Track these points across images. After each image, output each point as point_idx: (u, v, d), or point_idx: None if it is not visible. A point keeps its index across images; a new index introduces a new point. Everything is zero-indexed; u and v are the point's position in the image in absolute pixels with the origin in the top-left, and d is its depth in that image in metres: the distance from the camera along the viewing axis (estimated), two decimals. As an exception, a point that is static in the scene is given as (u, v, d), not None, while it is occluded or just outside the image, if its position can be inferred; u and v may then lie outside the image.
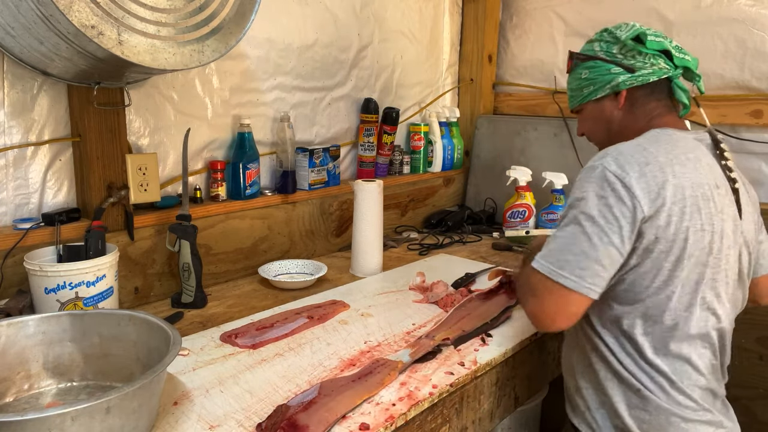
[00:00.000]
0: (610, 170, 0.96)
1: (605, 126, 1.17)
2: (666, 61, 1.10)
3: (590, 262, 0.94)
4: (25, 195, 1.26)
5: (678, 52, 1.10)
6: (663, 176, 0.95)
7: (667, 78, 1.10)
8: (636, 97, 1.12)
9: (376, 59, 2.01)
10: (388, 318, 1.29)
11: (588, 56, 1.16)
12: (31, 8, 0.91)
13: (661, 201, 0.94)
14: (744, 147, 1.77)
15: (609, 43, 1.14)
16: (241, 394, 0.96)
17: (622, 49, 1.11)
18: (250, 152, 1.58)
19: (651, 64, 1.09)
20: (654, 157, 0.97)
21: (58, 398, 0.93)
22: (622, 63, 1.11)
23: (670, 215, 0.94)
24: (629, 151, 0.99)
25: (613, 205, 0.94)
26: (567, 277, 0.94)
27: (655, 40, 1.09)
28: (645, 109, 1.12)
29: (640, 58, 1.10)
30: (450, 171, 2.30)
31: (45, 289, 1.12)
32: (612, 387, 1.03)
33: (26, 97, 1.22)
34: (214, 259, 1.52)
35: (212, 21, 1.11)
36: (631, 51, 1.10)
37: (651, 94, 1.11)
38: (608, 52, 1.13)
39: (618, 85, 1.11)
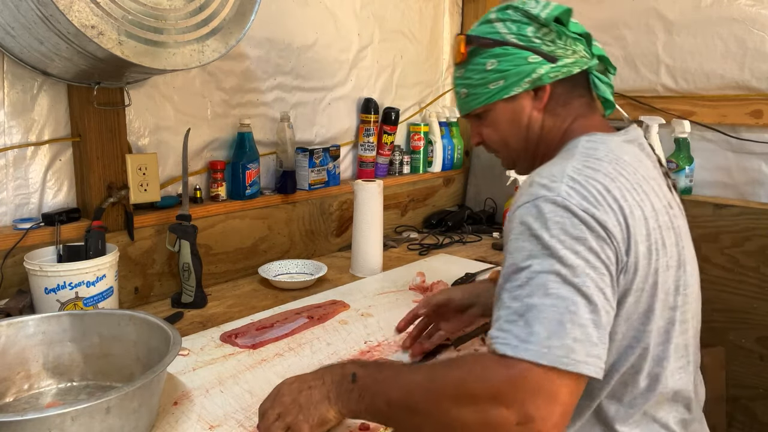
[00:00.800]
0: (573, 203, 0.71)
1: (523, 132, 0.92)
2: (585, 48, 0.88)
3: (600, 331, 0.68)
4: (25, 195, 1.26)
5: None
6: (627, 207, 0.74)
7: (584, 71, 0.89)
8: (558, 93, 0.89)
9: (376, 59, 2.01)
10: (388, 318, 1.29)
11: (494, 41, 0.88)
12: (31, 8, 0.91)
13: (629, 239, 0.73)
14: (744, 147, 1.77)
15: (520, 24, 0.88)
16: (241, 394, 0.96)
17: (539, 30, 0.87)
18: (250, 152, 1.58)
19: (573, 51, 0.87)
20: (610, 180, 0.75)
21: (58, 398, 0.93)
22: (541, 50, 0.86)
23: (639, 257, 0.74)
24: (581, 176, 0.75)
25: (597, 249, 0.70)
26: (585, 362, 0.66)
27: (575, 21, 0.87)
28: (567, 110, 0.89)
29: (561, 43, 0.86)
30: (450, 171, 2.30)
31: (45, 289, 1.11)
32: None
33: (26, 97, 1.22)
34: (214, 259, 1.52)
35: (212, 21, 1.11)
36: (551, 33, 0.86)
37: (573, 89, 0.89)
38: (521, 35, 0.87)
39: (540, 78, 0.87)
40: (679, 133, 1.77)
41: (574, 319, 0.67)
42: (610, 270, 0.71)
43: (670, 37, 1.89)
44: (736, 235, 1.62)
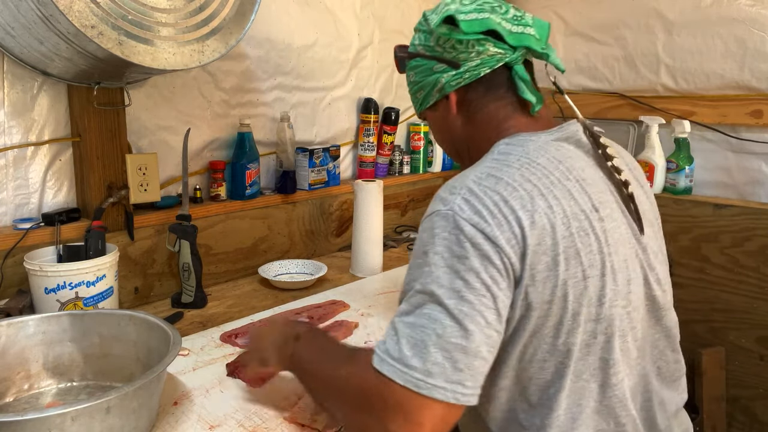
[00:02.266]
0: (463, 217, 0.69)
1: (448, 139, 0.93)
2: (496, 44, 0.82)
3: (468, 358, 0.66)
4: (25, 195, 1.26)
5: (515, 24, 0.82)
6: (527, 218, 0.70)
7: (505, 67, 0.84)
8: (471, 99, 0.86)
9: (376, 59, 2.01)
10: (388, 318, 1.28)
11: (410, 53, 0.90)
12: (31, 8, 0.91)
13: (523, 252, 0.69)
14: (744, 147, 1.77)
15: (425, 33, 0.87)
16: (241, 394, 0.96)
17: (438, 39, 0.84)
18: (250, 152, 1.58)
19: (477, 52, 0.82)
20: (512, 190, 0.71)
21: (58, 398, 0.93)
22: (443, 58, 0.84)
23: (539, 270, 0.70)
24: (481, 186, 0.72)
25: (479, 268, 0.67)
26: (442, 388, 0.65)
27: (475, 20, 0.80)
28: (486, 115, 0.85)
29: (461, 47, 0.82)
30: (450, 171, 2.30)
31: (45, 289, 1.11)
32: None
33: (26, 97, 1.22)
34: (214, 259, 1.52)
35: (212, 21, 1.11)
36: (447, 41, 0.83)
37: (487, 92, 0.85)
38: (427, 46, 0.86)
39: (443, 87, 0.86)
40: (679, 133, 1.77)
41: (439, 343, 0.66)
42: (492, 291, 0.68)
43: (670, 37, 1.89)
44: (736, 235, 1.62)
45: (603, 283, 0.73)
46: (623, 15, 2.00)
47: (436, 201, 0.74)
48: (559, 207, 0.72)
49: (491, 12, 0.82)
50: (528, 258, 0.69)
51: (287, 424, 0.87)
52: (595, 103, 2.09)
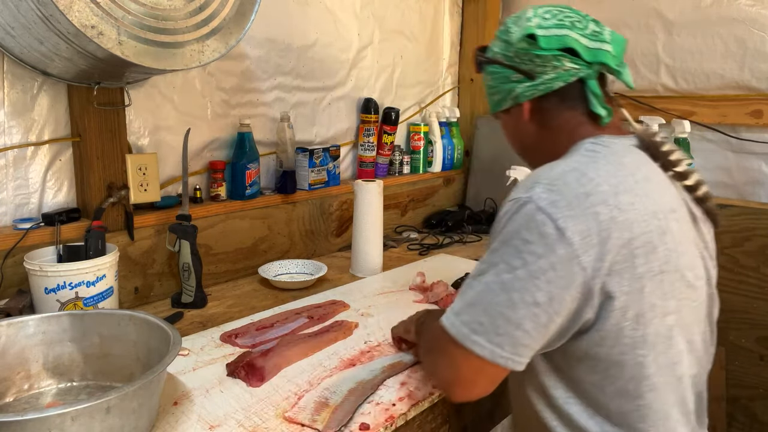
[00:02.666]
0: (540, 206, 0.74)
1: (519, 141, 0.99)
2: (573, 60, 0.86)
3: (509, 326, 0.74)
4: (25, 195, 1.26)
5: (592, 40, 0.86)
6: (607, 212, 0.74)
7: (580, 80, 0.88)
8: (544, 108, 0.91)
9: (376, 59, 2.01)
10: (388, 318, 1.29)
11: (488, 59, 0.95)
12: (31, 8, 0.91)
13: (602, 246, 0.74)
14: (744, 147, 1.77)
15: (505, 43, 0.92)
16: (241, 394, 0.96)
17: (517, 52, 0.89)
18: (250, 152, 1.58)
19: (553, 66, 0.87)
20: (595, 185, 0.76)
21: (58, 398, 0.93)
22: (521, 69, 0.89)
23: (617, 261, 0.74)
24: (564, 179, 0.77)
25: (541, 254, 0.73)
26: (482, 345, 0.75)
27: (554, 36, 0.86)
28: (559, 122, 0.90)
29: (538, 61, 0.87)
30: (450, 171, 2.30)
31: (45, 289, 1.11)
32: None
33: (26, 97, 1.22)
34: (214, 259, 1.52)
35: (212, 21, 1.11)
36: (526, 54, 0.88)
37: (562, 102, 0.89)
38: (506, 55, 0.92)
39: (518, 96, 0.91)
40: (679, 133, 1.77)
41: (487, 308, 0.75)
42: (548, 276, 0.73)
43: (670, 37, 1.89)
44: (736, 235, 1.62)
45: (675, 278, 0.79)
46: (623, 15, 1.99)
47: (519, 189, 0.80)
48: (640, 204, 0.77)
49: (571, 28, 0.86)
50: (606, 251, 0.74)
51: (287, 424, 0.87)
52: (595, 103, 2.09)
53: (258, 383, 0.99)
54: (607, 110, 0.88)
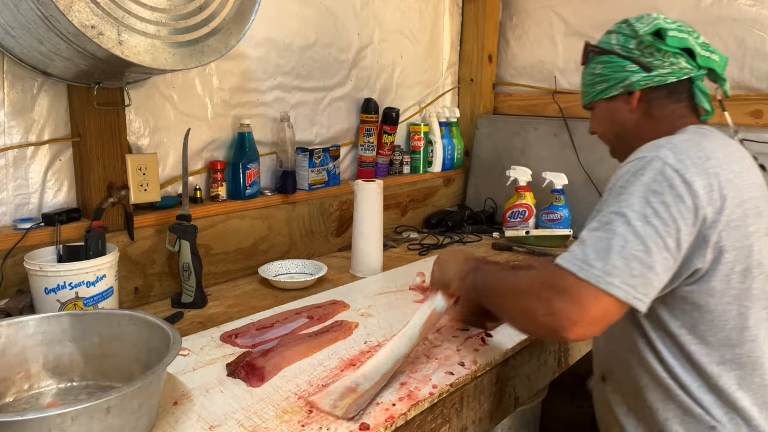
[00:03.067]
0: (668, 162, 0.84)
1: (617, 128, 1.09)
2: (688, 60, 1.00)
3: (643, 268, 0.80)
4: (25, 195, 1.26)
5: (704, 49, 1.00)
6: (725, 173, 0.85)
7: (688, 79, 1.01)
8: (652, 98, 1.03)
9: (376, 59, 2.01)
10: (388, 318, 1.29)
11: (603, 50, 1.06)
12: (31, 8, 0.91)
13: (722, 202, 0.84)
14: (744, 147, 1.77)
15: (627, 37, 1.04)
16: (241, 394, 0.96)
17: (639, 44, 1.01)
18: (250, 152, 1.58)
19: (670, 63, 1.00)
20: (712, 151, 0.87)
21: (58, 398, 0.93)
22: (639, 60, 1.01)
23: (732, 218, 0.85)
24: (684, 145, 0.88)
25: (670, 203, 0.82)
26: (618, 287, 0.80)
27: (677, 36, 0.99)
28: (663, 113, 1.02)
29: (658, 55, 1.00)
30: (450, 171, 2.30)
31: (45, 289, 1.12)
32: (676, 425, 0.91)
33: (26, 97, 1.22)
34: (214, 259, 1.52)
35: (212, 21, 1.11)
36: (649, 47, 1.00)
37: (669, 96, 1.02)
38: (625, 47, 1.03)
39: (631, 84, 1.02)
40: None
41: (621, 252, 0.81)
42: (678, 224, 0.82)
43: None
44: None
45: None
46: (623, 15, 1.98)
47: (641, 152, 0.89)
48: (747, 175, 0.90)
49: (689, 35, 1.00)
50: (725, 206, 0.84)
51: (287, 424, 0.87)
52: (595, 103, 2.09)
53: (258, 383, 0.99)
54: (712, 107, 1.02)
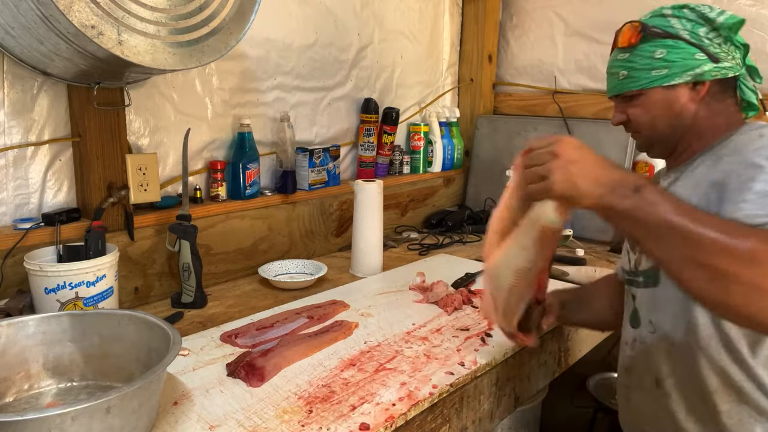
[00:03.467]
0: None
1: (673, 118, 1.00)
2: (741, 57, 0.98)
3: None
4: (25, 195, 1.26)
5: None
6: None
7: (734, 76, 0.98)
8: (715, 92, 0.98)
9: (376, 59, 2.01)
10: (388, 318, 1.29)
11: (668, 33, 0.97)
12: (31, 8, 0.91)
13: None
14: (744, 147, 1.77)
15: (695, 23, 0.96)
16: (241, 394, 0.96)
17: (710, 32, 0.95)
18: (250, 152, 1.58)
19: (733, 57, 0.96)
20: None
21: (58, 398, 0.93)
22: (708, 50, 0.95)
23: None
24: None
25: None
26: None
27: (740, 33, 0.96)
28: (723, 106, 0.99)
29: (725, 47, 0.96)
30: (450, 171, 2.30)
31: (45, 289, 1.12)
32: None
33: (26, 97, 1.22)
34: (214, 259, 1.52)
35: (212, 21, 1.11)
36: (719, 37, 0.95)
37: (726, 90, 0.99)
38: (693, 33, 0.96)
39: (703, 74, 0.96)
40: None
41: None
42: None
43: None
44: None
45: None
46: (623, 15, 1.98)
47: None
48: None
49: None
50: None
51: (287, 424, 0.87)
52: (595, 103, 2.09)
53: (258, 383, 0.99)
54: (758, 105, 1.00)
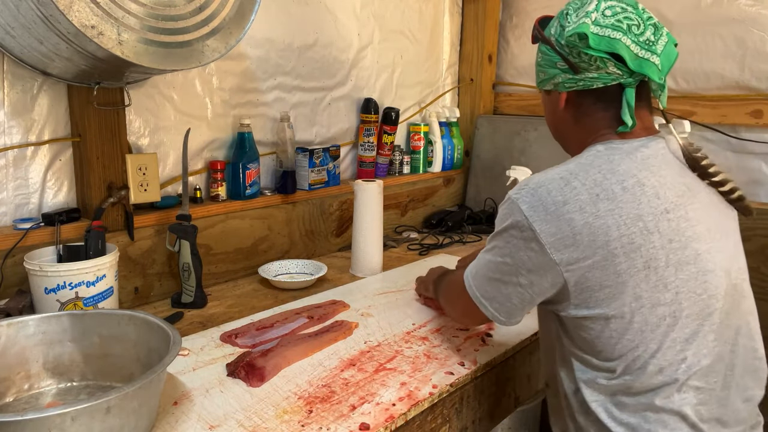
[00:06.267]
0: (522, 208, 0.87)
1: (553, 124, 1.04)
2: (618, 66, 0.88)
3: (503, 298, 0.93)
4: (25, 195, 1.26)
5: (643, 49, 0.87)
6: (582, 218, 0.83)
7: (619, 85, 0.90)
8: (580, 102, 0.94)
9: (376, 59, 2.01)
10: (388, 318, 1.29)
11: (544, 37, 0.95)
12: (31, 8, 0.91)
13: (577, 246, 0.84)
14: (744, 147, 1.77)
15: (561, 29, 0.92)
16: (241, 394, 0.96)
17: (567, 43, 0.90)
18: (250, 152, 1.58)
19: (597, 67, 0.89)
20: (576, 194, 0.85)
21: (58, 398, 0.93)
22: (568, 59, 0.91)
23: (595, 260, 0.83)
24: (548, 186, 0.87)
25: (520, 247, 0.88)
26: (487, 308, 0.96)
27: (605, 37, 0.86)
28: (590, 120, 0.94)
29: (584, 57, 0.89)
30: (450, 171, 2.30)
31: (45, 289, 1.12)
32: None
33: (26, 97, 1.22)
34: (214, 259, 1.52)
35: (212, 21, 1.11)
36: (574, 48, 0.89)
37: (596, 102, 0.93)
38: (557, 41, 0.93)
39: (558, 84, 0.95)
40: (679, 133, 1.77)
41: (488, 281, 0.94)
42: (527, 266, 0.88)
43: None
44: (736, 235, 1.62)
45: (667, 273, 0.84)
46: (623, 15, 1.99)
47: (516, 188, 0.91)
48: (623, 208, 0.84)
49: (626, 32, 0.87)
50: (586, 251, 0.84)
51: (287, 425, 0.87)
52: (595, 103, 2.08)
53: (258, 383, 0.99)
54: (633, 121, 0.91)
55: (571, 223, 0.84)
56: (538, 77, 1.01)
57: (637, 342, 0.85)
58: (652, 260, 0.84)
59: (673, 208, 0.86)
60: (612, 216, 0.83)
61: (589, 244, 0.83)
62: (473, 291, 0.97)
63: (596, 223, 0.83)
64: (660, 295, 0.84)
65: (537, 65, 1.00)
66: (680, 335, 0.85)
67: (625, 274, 0.83)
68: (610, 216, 0.83)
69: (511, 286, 0.91)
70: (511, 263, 0.90)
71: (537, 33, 0.97)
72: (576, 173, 0.87)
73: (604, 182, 0.86)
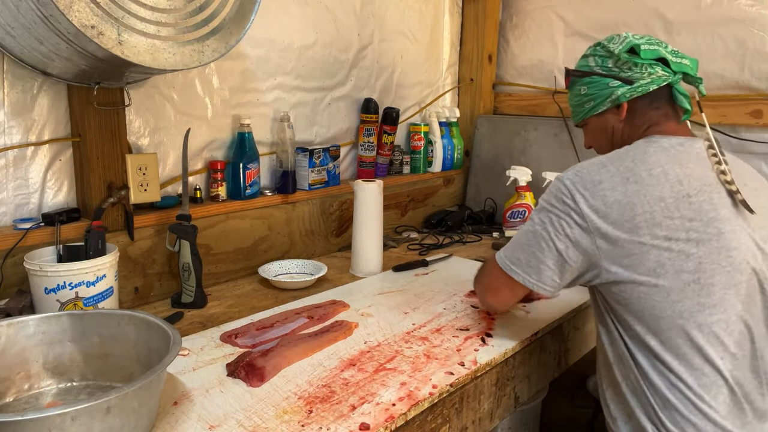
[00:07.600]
0: (566, 183, 1.03)
1: (609, 138, 1.20)
2: (664, 68, 1.10)
3: (536, 261, 1.05)
4: (25, 195, 1.26)
5: (675, 56, 1.10)
6: (612, 195, 0.99)
7: (667, 84, 1.10)
8: (637, 107, 1.13)
9: (376, 59, 2.01)
10: (388, 318, 1.29)
11: (584, 72, 1.18)
12: (31, 8, 0.91)
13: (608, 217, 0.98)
14: (744, 147, 1.77)
15: (604, 58, 1.15)
16: (241, 394, 0.96)
17: (617, 62, 1.12)
18: (250, 152, 1.58)
19: (648, 73, 1.10)
20: (610, 175, 1.01)
21: (58, 398, 0.93)
22: (620, 76, 1.12)
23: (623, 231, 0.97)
24: (589, 168, 1.04)
25: (560, 215, 1.02)
26: (518, 273, 1.08)
27: (649, 49, 1.10)
28: (644, 119, 1.13)
29: (636, 69, 1.10)
30: (450, 171, 2.30)
31: (45, 289, 1.12)
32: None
33: (26, 97, 1.22)
34: (214, 259, 1.52)
35: (212, 21, 1.11)
36: (626, 63, 1.11)
37: (651, 103, 1.12)
38: (604, 67, 1.14)
39: (618, 98, 1.13)
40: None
41: (524, 248, 1.07)
42: (566, 232, 1.01)
43: (670, 37, 1.89)
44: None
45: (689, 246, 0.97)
46: (623, 15, 1.99)
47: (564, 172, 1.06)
48: (647, 191, 0.99)
49: (659, 45, 1.11)
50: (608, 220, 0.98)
51: (287, 425, 0.87)
52: (595, 103, 2.08)
53: (258, 383, 0.99)
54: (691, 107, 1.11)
55: (605, 199, 0.99)
56: (585, 108, 1.19)
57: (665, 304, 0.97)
58: (673, 234, 0.97)
59: (695, 194, 0.99)
60: (637, 196, 0.98)
61: (617, 217, 0.98)
62: (503, 261, 1.10)
63: (624, 201, 0.98)
64: (683, 263, 0.96)
65: (581, 99, 1.19)
66: (707, 301, 0.96)
67: (648, 244, 0.97)
68: (635, 196, 0.98)
69: (547, 250, 1.04)
70: (551, 230, 1.03)
71: (574, 73, 1.20)
72: (613, 160, 1.04)
73: (635, 168, 1.01)
